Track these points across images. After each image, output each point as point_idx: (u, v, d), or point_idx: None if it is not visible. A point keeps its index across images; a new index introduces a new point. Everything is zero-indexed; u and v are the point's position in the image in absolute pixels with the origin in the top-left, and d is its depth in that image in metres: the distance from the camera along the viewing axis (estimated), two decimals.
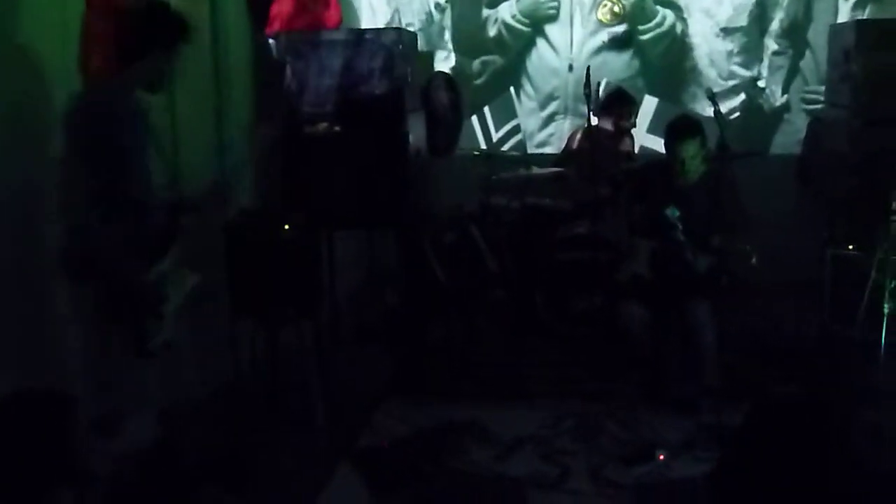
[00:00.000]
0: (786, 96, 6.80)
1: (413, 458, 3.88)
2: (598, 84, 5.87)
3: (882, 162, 4.79)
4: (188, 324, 3.41)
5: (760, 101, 6.83)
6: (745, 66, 6.82)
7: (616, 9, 6.89)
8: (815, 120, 6.13)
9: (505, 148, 7.14)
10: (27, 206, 3.16)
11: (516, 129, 7.21)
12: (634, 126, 5.94)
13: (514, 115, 7.21)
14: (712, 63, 6.87)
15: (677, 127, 4.34)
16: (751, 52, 6.79)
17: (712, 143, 4.68)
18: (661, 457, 3.81)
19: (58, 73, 3.26)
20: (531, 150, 7.12)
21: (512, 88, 7.17)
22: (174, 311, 3.02)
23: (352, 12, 6.60)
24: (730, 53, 6.82)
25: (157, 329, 2.94)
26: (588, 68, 5.44)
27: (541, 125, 7.18)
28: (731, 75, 6.85)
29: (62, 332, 3.15)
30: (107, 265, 2.80)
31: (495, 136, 7.23)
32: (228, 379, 4.57)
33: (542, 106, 7.15)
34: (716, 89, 6.57)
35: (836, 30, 5.98)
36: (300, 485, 3.72)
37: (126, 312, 2.84)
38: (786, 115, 6.83)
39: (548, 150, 7.06)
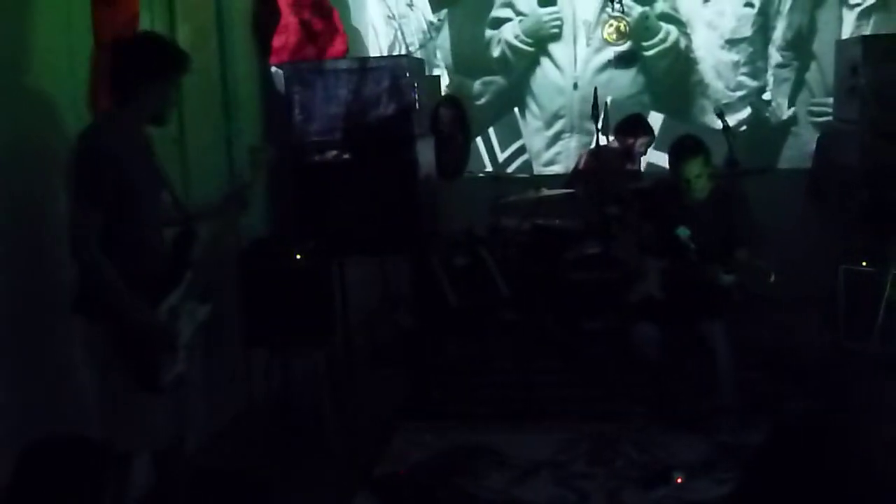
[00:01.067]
0: (792, 109, 6.79)
1: (428, 484, 3.85)
2: (606, 104, 5.88)
3: (893, 176, 4.77)
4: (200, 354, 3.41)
5: (767, 114, 6.83)
6: (753, 76, 6.82)
7: (622, 27, 6.92)
8: (824, 135, 6.11)
9: (511, 168, 7.16)
10: (40, 245, 3.15)
11: (522, 150, 7.22)
12: (645, 154, 5.96)
13: (518, 136, 7.22)
14: (719, 75, 6.88)
15: (680, 147, 4.33)
16: (757, 63, 6.79)
17: (720, 159, 4.68)
18: (679, 479, 3.77)
19: (67, 112, 3.26)
20: (538, 169, 7.14)
21: (516, 109, 7.20)
22: (186, 344, 2.99)
23: (358, 38, 6.64)
24: (736, 64, 6.82)
25: (170, 364, 2.91)
26: (595, 89, 5.48)
27: (547, 144, 7.20)
28: (739, 86, 6.85)
29: (74, 372, 3.12)
30: (117, 304, 2.77)
31: (501, 157, 7.24)
32: (242, 408, 4.58)
33: (548, 125, 7.17)
34: (724, 101, 6.66)
35: (843, 44, 5.98)
36: None
37: (138, 350, 2.81)
38: (793, 129, 6.82)
39: (555, 168, 7.09)
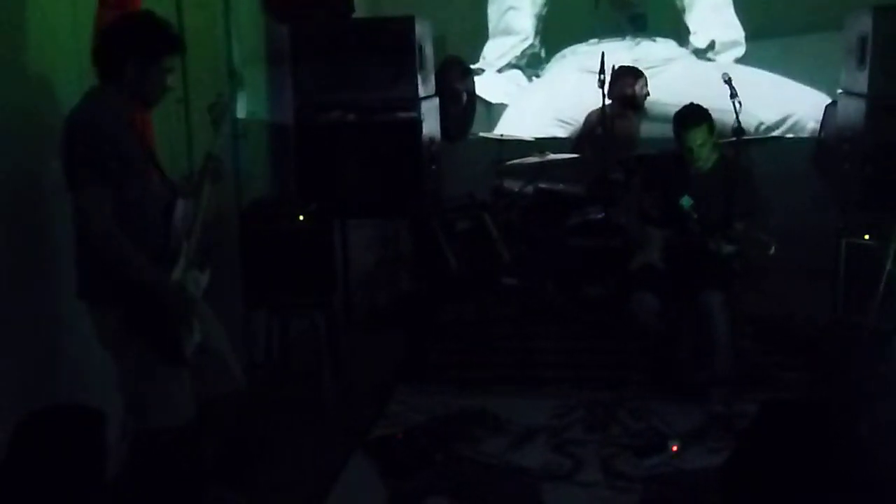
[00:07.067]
0: None
1: (425, 447, 3.89)
2: (613, 67, 5.81)
3: None
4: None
5: None
6: None
7: None
8: (832, 106, 6.04)
9: None
10: (41, 228, 3.15)
11: None
12: (648, 94, 5.91)
13: None
14: None
15: (684, 115, 4.32)
16: None
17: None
18: (675, 448, 3.81)
19: (70, 77, 3.22)
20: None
21: None
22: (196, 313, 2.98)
23: None
24: None
25: (189, 335, 2.90)
26: (602, 54, 5.43)
27: None
28: None
29: (87, 355, 3.13)
30: (140, 277, 2.76)
31: None
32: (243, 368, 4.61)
33: None
34: None
35: (853, 15, 5.88)
36: (313, 473, 3.75)
37: (156, 325, 2.80)
38: None
39: None
